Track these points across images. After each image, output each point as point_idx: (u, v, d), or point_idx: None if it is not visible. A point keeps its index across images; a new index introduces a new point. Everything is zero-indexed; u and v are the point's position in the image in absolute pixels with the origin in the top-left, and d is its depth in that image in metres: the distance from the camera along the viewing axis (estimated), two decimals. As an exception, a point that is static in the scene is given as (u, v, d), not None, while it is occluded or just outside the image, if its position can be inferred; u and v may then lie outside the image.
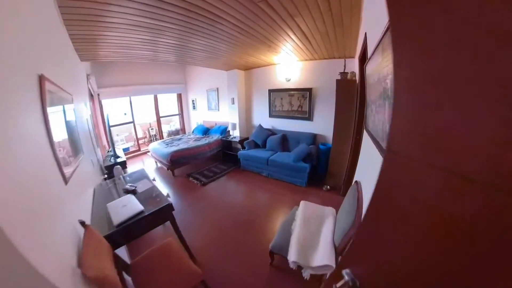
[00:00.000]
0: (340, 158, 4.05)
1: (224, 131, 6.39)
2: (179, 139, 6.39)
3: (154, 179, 3.30)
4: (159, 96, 7.90)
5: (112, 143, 4.43)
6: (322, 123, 4.88)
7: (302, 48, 3.89)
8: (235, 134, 6.20)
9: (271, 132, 5.43)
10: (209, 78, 7.00)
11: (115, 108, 8.14)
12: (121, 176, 3.32)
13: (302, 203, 2.75)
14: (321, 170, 4.72)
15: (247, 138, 5.82)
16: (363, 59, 2.77)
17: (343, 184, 3.95)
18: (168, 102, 8.65)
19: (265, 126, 5.69)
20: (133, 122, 7.54)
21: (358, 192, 1.94)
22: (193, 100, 8.01)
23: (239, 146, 5.70)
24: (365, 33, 2.13)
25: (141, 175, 3.13)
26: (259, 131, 5.45)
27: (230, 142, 5.92)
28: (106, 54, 3.85)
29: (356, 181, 2.25)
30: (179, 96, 8.26)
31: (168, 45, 3.47)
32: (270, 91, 5.47)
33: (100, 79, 5.90)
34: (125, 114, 7.97)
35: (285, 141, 5.06)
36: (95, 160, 3.22)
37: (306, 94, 4.88)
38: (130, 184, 2.65)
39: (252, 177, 4.89)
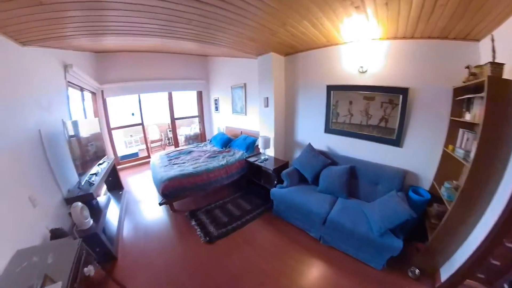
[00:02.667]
0: (460, 228, 1.91)
1: (252, 145, 4.35)
2: (189, 152, 4.54)
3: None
4: (176, 94, 6.21)
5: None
6: (418, 153, 2.64)
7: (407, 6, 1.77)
8: (268, 153, 4.02)
9: (329, 159, 3.18)
10: (234, 69, 5.11)
11: (123, 107, 6.69)
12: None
13: None
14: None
15: (287, 165, 3.67)
16: None
17: (459, 275, 1.84)
18: (187, 102, 6.94)
19: (317, 146, 3.46)
20: (142, 124, 5.92)
21: None
22: (215, 100, 6.15)
23: (273, 173, 3.47)
24: None
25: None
26: (308, 156, 3.27)
27: (259, 167, 3.70)
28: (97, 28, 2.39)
29: None
30: (200, 95, 6.48)
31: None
32: (330, 88, 3.25)
33: (103, 74, 4.85)
34: (133, 114, 6.48)
35: (353, 177, 2.90)
36: (42, 195, 2.15)
37: (396, 98, 2.65)
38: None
39: (291, 236, 2.80)
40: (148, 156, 6.05)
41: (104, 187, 4.06)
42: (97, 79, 4.63)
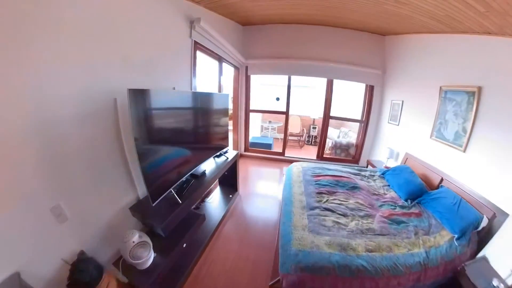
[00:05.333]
0: None
1: (471, 228, 1.99)
2: (352, 188, 2.69)
3: None
4: (338, 85, 4.54)
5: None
6: None
7: None
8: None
9: None
10: (452, 56, 2.77)
11: (268, 88, 5.82)
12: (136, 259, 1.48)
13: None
14: None
15: None
16: None
17: None
18: (347, 97, 5.10)
19: None
20: (286, 112, 4.76)
21: None
22: (395, 104, 3.91)
23: None
24: None
25: None
26: None
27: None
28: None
29: None
30: (370, 91, 4.41)
31: None
32: None
33: (249, 48, 4.33)
34: (278, 99, 5.45)
35: None
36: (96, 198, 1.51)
37: None
38: None
39: None
40: (283, 153, 5.03)
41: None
42: (242, 53, 4.06)
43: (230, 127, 6.41)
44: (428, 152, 3.10)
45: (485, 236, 2.00)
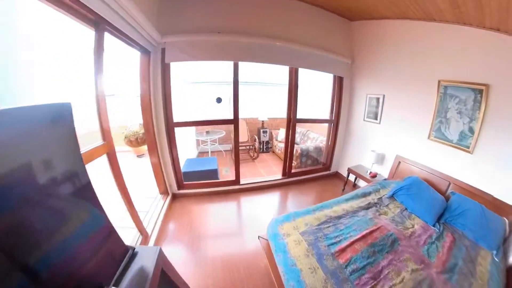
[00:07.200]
0: None
1: (501, 241, 1.89)
2: (392, 246, 1.72)
3: None
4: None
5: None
6: None
7: None
8: None
9: None
10: (450, 47, 2.43)
11: (198, 87, 4.38)
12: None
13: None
14: None
15: None
16: None
17: None
18: (311, 95, 4.34)
19: None
20: (235, 119, 3.32)
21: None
22: (372, 98, 3.43)
23: None
24: None
25: None
26: None
27: None
28: None
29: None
30: (338, 83, 3.78)
31: None
32: None
33: (167, 20, 2.57)
34: (220, 100, 4.09)
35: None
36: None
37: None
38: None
39: None
40: (237, 181, 3.53)
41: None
42: (156, 26, 2.38)
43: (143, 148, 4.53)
44: (427, 154, 2.77)
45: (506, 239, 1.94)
